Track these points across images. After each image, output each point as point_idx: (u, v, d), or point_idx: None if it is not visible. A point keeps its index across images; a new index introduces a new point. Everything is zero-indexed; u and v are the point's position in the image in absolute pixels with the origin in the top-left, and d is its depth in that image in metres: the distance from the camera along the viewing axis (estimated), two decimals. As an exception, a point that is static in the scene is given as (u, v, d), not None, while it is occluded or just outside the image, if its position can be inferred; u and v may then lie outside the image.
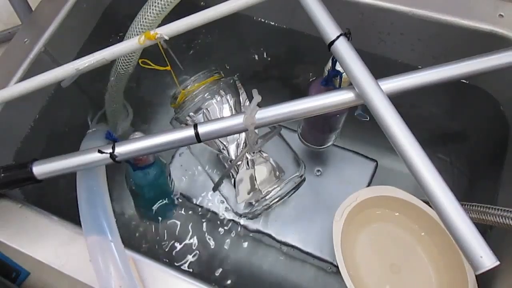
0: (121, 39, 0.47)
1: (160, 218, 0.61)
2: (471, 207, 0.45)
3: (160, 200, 0.57)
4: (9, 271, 0.71)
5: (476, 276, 0.47)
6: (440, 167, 0.32)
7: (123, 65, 0.55)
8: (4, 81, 0.53)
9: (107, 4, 0.67)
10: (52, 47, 0.57)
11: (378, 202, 0.56)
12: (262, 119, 0.40)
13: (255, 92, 0.41)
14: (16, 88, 0.46)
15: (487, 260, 0.30)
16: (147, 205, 0.57)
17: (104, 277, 0.39)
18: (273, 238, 0.61)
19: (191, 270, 0.59)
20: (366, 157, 0.65)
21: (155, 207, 0.58)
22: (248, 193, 0.54)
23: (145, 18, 0.50)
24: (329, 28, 0.40)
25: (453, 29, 0.53)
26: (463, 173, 0.63)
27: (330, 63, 0.47)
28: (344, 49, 0.39)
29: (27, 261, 0.72)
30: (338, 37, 0.39)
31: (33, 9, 0.60)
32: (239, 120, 0.40)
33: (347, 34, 0.40)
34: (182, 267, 0.59)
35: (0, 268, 0.71)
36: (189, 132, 0.40)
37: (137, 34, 0.50)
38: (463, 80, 0.60)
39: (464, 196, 0.61)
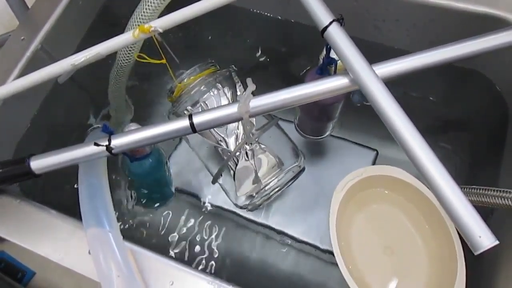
0: (119, 36, 0.47)
1: (158, 209, 0.61)
2: (470, 190, 0.45)
3: (158, 191, 0.57)
4: (15, 272, 0.72)
5: (467, 270, 0.48)
6: (441, 155, 0.32)
7: (123, 59, 0.55)
8: (1, 79, 0.53)
9: (103, 0, 0.67)
10: (48, 45, 0.57)
11: (383, 183, 0.55)
12: (257, 107, 0.39)
13: (249, 81, 0.41)
14: (12, 86, 0.46)
15: (486, 239, 0.29)
16: (145, 196, 0.57)
17: (103, 268, 0.40)
18: (274, 229, 0.61)
19: (188, 261, 0.60)
20: (366, 146, 0.65)
21: (153, 198, 0.58)
22: (248, 185, 0.53)
23: (143, 12, 0.50)
24: (322, 15, 0.40)
25: (449, 13, 0.53)
26: (465, 160, 0.63)
27: (324, 51, 0.46)
28: (337, 35, 0.39)
29: (32, 260, 0.72)
30: (331, 23, 0.39)
31: (29, 7, 0.60)
32: (233, 109, 0.40)
33: (340, 20, 0.40)
34: (180, 258, 0.60)
35: (6, 269, 0.72)
36: (184, 122, 0.40)
37: (136, 29, 0.50)
38: (461, 65, 0.59)
39: (466, 182, 0.60)
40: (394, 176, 0.54)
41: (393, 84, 0.38)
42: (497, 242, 0.29)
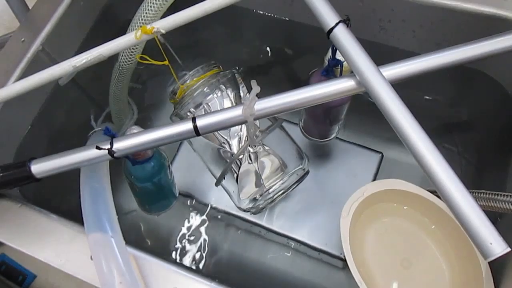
0: (121, 37, 0.46)
1: (161, 214, 0.60)
2: (479, 195, 0.44)
3: (161, 195, 0.56)
4: (16, 275, 0.71)
5: (491, 268, 0.46)
6: (447, 157, 0.31)
7: (125, 61, 0.54)
8: (2, 81, 0.53)
9: (105, 1, 0.66)
10: (49, 46, 0.56)
11: (386, 196, 0.55)
12: (262, 110, 0.39)
13: (253, 83, 0.40)
14: (13, 88, 0.46)
15: (497, 246, 0.29)
16: (147, 200, 0.56)
17: (105, 274, 0.39)
18: (278, 233, 0.60)
19: (192, 266, 0.59)
20: (371, 149, 0.64)
21: (156, 202, 0.57)
22: (252, 188, 0.53)
23: (146, 13, 0.49)
24: (328, 16, 0.39)
25: (456, 14, 0.52)
26: (471, 163, 0.62)
27: (330, 53, 0.46)
28: (343, 36, 0.38)
29: (33, 264, 0.72)
30: (337, 24, 0.39)
31: (30, 8, 0.59)
32: (238, 111, 0.39)
33: (346, 21, 0.39)
34: (184, 263, 0.59)
35: (7, 272, 0.72)
36: (188, 125, 0.40)
37: (138, 30, 0.50)
38: (468, 66, 0.59)
39: (472, 185, 0.60)
40: (395, 188, 0.54)
41: (398, 84, 0.37)
42: (509, 249, 0.28)
